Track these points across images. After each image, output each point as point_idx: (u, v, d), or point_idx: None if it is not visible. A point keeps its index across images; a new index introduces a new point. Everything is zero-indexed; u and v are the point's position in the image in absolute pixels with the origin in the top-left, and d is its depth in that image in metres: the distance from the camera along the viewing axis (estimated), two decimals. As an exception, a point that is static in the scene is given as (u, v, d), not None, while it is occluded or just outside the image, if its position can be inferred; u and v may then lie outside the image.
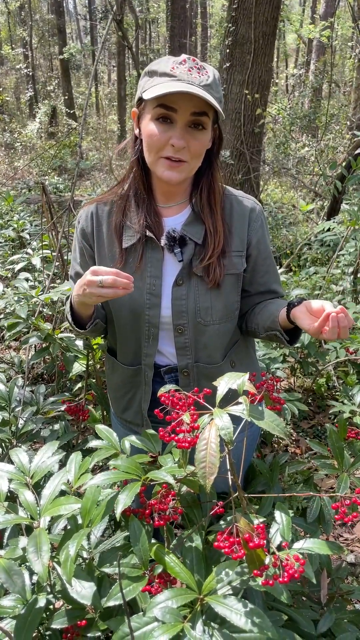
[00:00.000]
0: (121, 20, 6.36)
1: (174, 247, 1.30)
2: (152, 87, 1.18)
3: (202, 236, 1.32)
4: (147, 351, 1.39)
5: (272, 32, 5.10)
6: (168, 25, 13.78)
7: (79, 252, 1.44)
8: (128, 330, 1.39)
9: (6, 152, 13.58)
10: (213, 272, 1.31)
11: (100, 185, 9.57)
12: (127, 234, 1.34)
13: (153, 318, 1.34)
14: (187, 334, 1.35)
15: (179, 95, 1.16)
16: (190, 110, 1.18)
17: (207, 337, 1.37)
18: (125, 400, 1.50)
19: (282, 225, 6.26)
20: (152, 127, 1.21)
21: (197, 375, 1.40)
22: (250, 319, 1.44)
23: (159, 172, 1.25)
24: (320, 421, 3.18)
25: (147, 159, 1.27)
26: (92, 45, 19.11)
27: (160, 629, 0.84)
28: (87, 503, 0.99)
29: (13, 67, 20.30)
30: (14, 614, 0.92)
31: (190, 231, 1.32)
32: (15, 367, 2.69)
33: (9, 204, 4.77)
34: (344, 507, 1.09)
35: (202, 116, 1.20)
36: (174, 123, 1.20)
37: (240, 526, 0.90)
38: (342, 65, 16.95)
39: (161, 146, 1.21)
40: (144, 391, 1.44)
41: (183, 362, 1.39)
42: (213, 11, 23.55)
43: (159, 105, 1.19)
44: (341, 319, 1.08)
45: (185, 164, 1.24)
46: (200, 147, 1.24)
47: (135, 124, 1.31)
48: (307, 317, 1.15)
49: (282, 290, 1.48)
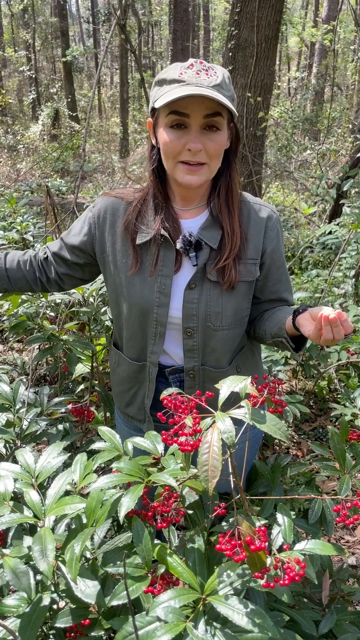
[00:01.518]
0: (124, 24, 6.39)
1: (190, 251, 1.31)
2: (163, 95, 1.19)
3: (218, 241, 1.33)
4: (152, 349, 1.40)
5: (275, 35, 5.11)
6: (171, 28, 13.80)
7: (87, 229, 1.43)
8: (136, 325, 1.40)
9: (9, 154, 13.60)
10: (228, 273, 1.31)
11: (102, 188, 9.59)
12: (142, 233, 1.34)
13: (161, 317, 1.36)
14: (196, 337, 1.37)
15: (190, 100, 1.16)
16: (203, 113, 1.19)
17: (216, 341, 1.38)
18: (129, 395, 1.52)
19: (284, 228, 6.28)
20: (168, 135, 1.22)
21: (202, 377, 1.42)
22: (258, 325, 1.45)
23: (179, 177, 1.26)
24: (322, 424, 3.19)
25: (166, 166, 1.28)
26: (95, 48, 19.17)
27: (162, 629, 0.85)
28: (92, 503, 1.00)
29: (16, 69, 20.34)
30: (18, 612, 0.93)
31: (207, 235, 1.33)
32: (18, 368, 2.70)
33: (12, 206, 4.79)
34: (346, 509, 1.10)
35: (216, 117, 1.20)
36: (188, 128, 1.20)
37: (242, 529, 0.91)
38: (344, 68, 16.95)
39: (178, 152, 1.22)
40: (148, 388, 1.45)
41: (190, 364, 1.40)
42: (215, 14, 23.58)
43: (171, 112, 1.19)
44: (332, 320, 1.09)
45: (205, 167, 1.24)
46: (217, 147, 1.24)
47: (152, 133, 1.32)
48: (309, 323, 1.16)
49: (292, 299, 1.48)
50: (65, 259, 1.48)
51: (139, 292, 1.36)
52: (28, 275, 1.53)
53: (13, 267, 1.52)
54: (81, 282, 1.59)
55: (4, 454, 1.62)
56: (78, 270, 1.51)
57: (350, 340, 2.88)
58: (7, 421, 1.65)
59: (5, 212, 5.34)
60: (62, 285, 1.56)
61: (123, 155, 13.30)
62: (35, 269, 1.53)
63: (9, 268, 1.52)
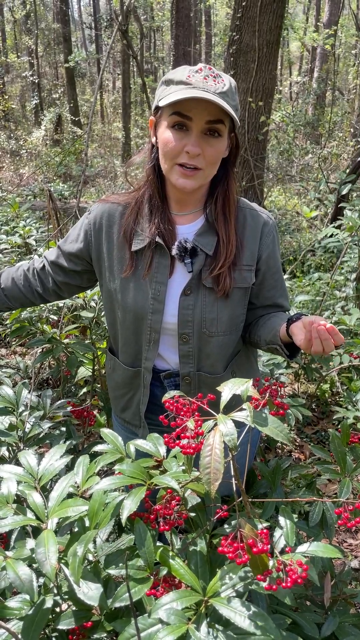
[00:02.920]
0: (126, 30, 6.42)
1: (185, 258, 1.31)
2: (168, 95, 1.20)
3: (214, 247, 1.33)
4: (147, 355, 1.41)
5: (276, 40, 5.14)
6: (172, 33, 13.84)
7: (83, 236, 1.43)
8: (130, 332, 1.40)
9: (12, 159, 13.67)
10: (223, 281, 1.32)
11: (105, 192, 9.62)
12: (138, 238, 1.35)
13: (155, 323, 1.36)
14: (191, 343, 1.37)
15: (194, 103, 1.17)
16: (206, 118, 1.19)
17: (211, 347, 1.38)
18: (124, 401, 1.52)
19: (286, 232, 6.28)
20: (168, 135, 1.23)
21: (198, 382, 1.42)
22: (253, 330, 1.45)
23: (174, 179, 1.26)
24: (324, 427, 3.19)
25: (163, 166, 1.29)
26: (97, 53, 19.24)
27: (165, 630, 0.85)
28: (94, 505, 1.00)
29: (19, 75, 20.45)
30: (21, 615, 0.94)
31: (202, 242, 1.33)
32: (20, 372, 2.71)
33: (14, 211, 4.81)
34: (347, 512, 1.11)
35: (218, 124, 1.21)
36: (189, 130, 1.21)
37: (245, 531, 0.91)
38: (346, 72, 17.01)
39: (176, 153, 1.23)
40: (142, 394, 1.46)
41: (185, 370, 1.40)
42: (217, 19, 23.67)
43: (175, 113, 1.20)
44: (321, 331, 1.08)
45: (200, 172, 1.24)
46: (215, 154, 1.24)
47: (152, 132, 1.32)
48: (302, 332, 1.15)
49: (288, 304, 1.48)
50: (62, 267, 1.49)
51: (132, 298, 1.36)
52: (25, 289, 1.53)
53: (8, 286, 1.53)
54: (79, 290, 1.60)
55: (7, 456, 1.63)
56: (76, 278, 1.51)
57: (352, 343, 2.88)
58: (10, 424, 1.65)
59: (8, 216, 5.36)
60: (61, 294, 1.56)
61: (125, 159, 13.33)
62: (30, 281, 1.53)
63: (4, 287, 1.52)
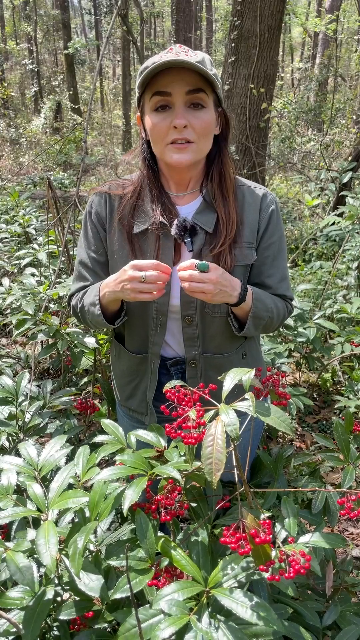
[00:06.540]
0: (126, 15, 6.34)
1: (185, 237, 1.29)
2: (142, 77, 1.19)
3: (214, 225, 1.32)
4: (154, 339, 1.40)
5: (278, 25, 5.07)
6: (173, 19, 13.70)
7: (93, 235, 1.41)
8: (137, 317, 1.39)
9: (11, 147, 13.58)
10: (224, 260, 1.30)
11: (105, 180, 9.57)
12: (139, 220, 1.34)
13: (162, 306, 1.35)
14: (195, 325, 1.36)
15: (170, 77, 1.16)
16: (184, 89, 1.19)
17: (215, 328, 1.37)
18: (130, 388, 1.51)
19: (287, 220, 6.25)
20: (153, 118, 1.22)
21: (204, 366, 1.41)
22: None
23: (168, 158, 1.25)
24: (326, 416, 3.19)
25: (156, 151, 1.28)
26: (97, 40, 19.06)
27: (166, 621, 0.85)
28: (95, 496, 0.99)
29: (18, 62, 20.28)
30: (22, 605, 0.94)
31: (201, 220, 1.32)
32: (21, 362, 2.70)
33: (14, 200, 4.78)
34: (350, 502, 1.10)
35: (199, 92, 1.20)
36: (172, 108, 1.21)
37: (247, 522, 0.90)
38: (348, 58, 16.81)
39: (164, 132, 1.22)
40: (150, 380, 1.44)
41: (190, 354, 1.39)
42: (218, 5, 23.40)
43: (154, 95, 1.20)
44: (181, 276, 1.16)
45: (192, 145, 1.23)
46: (203, 124, 1.22)
47: (141, 127, 1.32)
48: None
49: (278, 286, 1.40)
50: (101, 263, 1.43)
51: None
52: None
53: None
54: None
55: (7, 447, 1.62)
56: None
57: (354, 331, 2.86)
58: (9, 414, 1.65)
59: (7, 205, 5.34)
60: None
61: (125, 147, 13.25)
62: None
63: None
